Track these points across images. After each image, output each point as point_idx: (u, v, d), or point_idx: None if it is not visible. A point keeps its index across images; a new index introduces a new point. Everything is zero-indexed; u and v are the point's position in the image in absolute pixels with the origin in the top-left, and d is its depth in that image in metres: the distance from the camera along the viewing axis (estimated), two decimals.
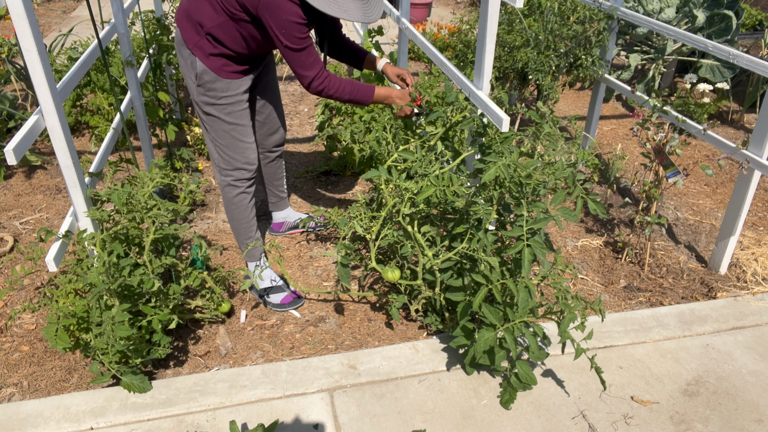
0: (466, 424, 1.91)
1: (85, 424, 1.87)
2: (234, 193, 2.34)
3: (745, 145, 2.40)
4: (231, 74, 2.15)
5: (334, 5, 1.93)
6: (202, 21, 2.06)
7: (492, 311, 1.87)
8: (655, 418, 1.95)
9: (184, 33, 2.12)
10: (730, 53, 2.47)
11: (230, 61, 2.14)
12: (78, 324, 1.96)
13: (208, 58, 2.11)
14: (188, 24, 2.11)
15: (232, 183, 2.33)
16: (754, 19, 5.08)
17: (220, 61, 2.12)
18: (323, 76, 2.10)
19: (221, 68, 2.12)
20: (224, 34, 2.06)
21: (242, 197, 2.36)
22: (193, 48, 2.10)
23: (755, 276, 2.65)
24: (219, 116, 2.21)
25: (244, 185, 2.34)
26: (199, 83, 2.15)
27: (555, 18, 3.41)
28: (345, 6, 1.95)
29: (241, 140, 2.26)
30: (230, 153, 2.27)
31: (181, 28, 2.14)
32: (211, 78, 2.13)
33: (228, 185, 2.33)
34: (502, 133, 2.05)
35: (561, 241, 2.91)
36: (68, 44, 4.88)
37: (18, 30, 1.71)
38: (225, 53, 2.11)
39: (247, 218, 2.40)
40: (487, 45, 2.07)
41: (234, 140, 2.25)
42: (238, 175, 2.31)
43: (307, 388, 2.02)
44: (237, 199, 2.35)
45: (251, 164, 2.32)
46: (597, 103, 3.55)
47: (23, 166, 3.41)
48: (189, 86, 2.21)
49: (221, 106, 2.19)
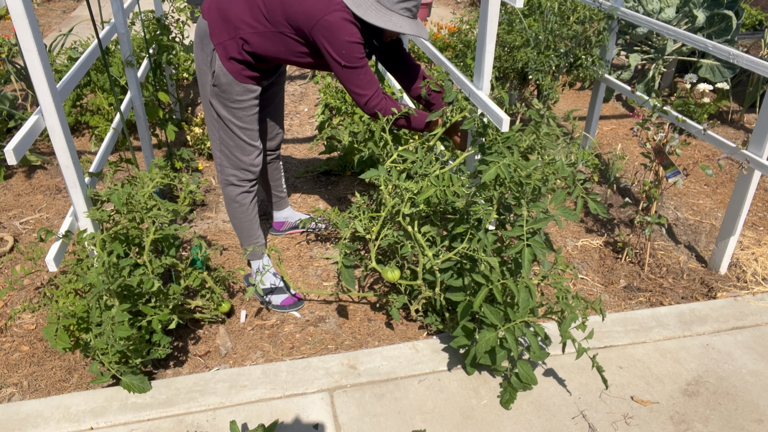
0: (466, 424, 1.91)
1: (85, 424, 1.87)
2: (236, 192, 2.34)
3: (745, 145, 2.40)
4: (248, 79, 2.14)
5: (389, 22, 1.99)
6: (239, 24, 2.03)
7: (493, 311, 1.87)
8: (655, 418, 1.95)
9: (213, 27, 2.08)
10: (730, 53, 2.47)
11: (249, 68, 2.12)
12: (78, 324, 1.96)
13: (229, 61, 2.08)
14: (220, 20, 2.07)
15: (234, 183, 2.32)
16: (754, 19, 5.08)
17: (239, 66, 2.10)
18: (380, 96, 2.11)
19: (239, 72, 2.11)
20: (262, 43, 2.05)
21: (244, 196, 2.35)
22: (217, 46, 2.07)
23: (755, 276, 2.65)
24: (230, 118, 2.19)
25: (246, 185, 2.34)
26: (215, 83, 2.13)
27: (555, 18, 3.41)
28: (399, 23, 2.00)
29: (250, 143, 2.26)
30: (237, 154, 2.26)
31: (210, 21, 2.08)
32: (228, 81, 2.11)
33: (230, 184, 2.32)
34: (502, 134, 2.05)
35: (561, 241, 2.91)
36: (68, 44, 4.88)
37: (18, 30, 1.71)
38: (248, 61, 2.09)
39: (249, 217, 2.39)
40: (487, 45, 2.07)
41: (242, 142, 2.24)
42: (241, 176, 2.31)
43: (307, 388, 2.02)
44: (239, 198, 2.35)
45: (256, 166, 2.32)
46: (597, 103, 3.55)
47: (23, 166, 3.41)
48: (202, 81, 2.18)
49: (234, 109, 2.17)
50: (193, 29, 5.32)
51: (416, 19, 2.08)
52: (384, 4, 2.00)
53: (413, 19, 2.06)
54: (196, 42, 2.16)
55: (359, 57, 2.01)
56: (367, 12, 1.98)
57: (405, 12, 2.03)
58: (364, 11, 1.97)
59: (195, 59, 2.20)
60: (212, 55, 2.09)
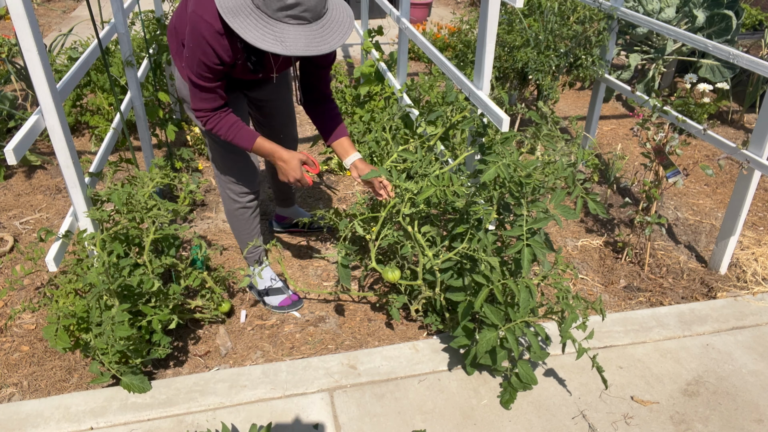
0: (466, 424, 1.91)
1: (85, 424, 1.87)
2: (235, 207, 2.26)
3: (745, 145, 2.40)
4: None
5: (270, 36, 1.57)
6: (181, 30, 1.90)
7: (494, 311, 1.87)
8: (655, 418, 1.95)
9: (172, 49, 2.00)
10: (730, 53, 2.47)
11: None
12: (78, 324, 1.96)
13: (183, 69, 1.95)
14: (174, 40, 1.97)
15: (233, 197, 2.24)
16: (754, 19, 5.08)
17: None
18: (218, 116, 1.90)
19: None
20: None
21: (243, 212, 2.27)
22: (173, 56, 1.99)
23: (755, 276, 2.65)
24: (214, 138, 2.09)
25: (244, 200, 2.25)
26: (180, 96, 2.06)
27: (555, 18, 3.41)
28: (283, 35, 1.56)
29: (242, 163, 2.16)
30: (230, 174, 2.18)
31: (170, 42, 2.00)
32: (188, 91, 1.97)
33: (229, 198, 2.25)
34: (502, 134, 2.05)
35: (561, 241, 2.91)
36: (68, 44, 4.88)
37: (18, 30, 1.71)
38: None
39: (249, 228, 2.32)
40: (487, 45, 2.07)
41: (233, 163, 2.15)
42: (236, 189, 2.23)
43: (307, 388, 2.02)
44: (238, 213, 2.28)
45: (252, 184, 2.23)
46: (597, 103, 3.55)
47: (23, 166, 3.41)
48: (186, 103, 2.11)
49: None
50: None
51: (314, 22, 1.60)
52: (264, 9, 1.58)
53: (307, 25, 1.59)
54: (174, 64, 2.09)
55: (204, 75, 1.77)
56: (245, 23, 1.58)
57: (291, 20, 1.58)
58: (241, 22, 1.58)
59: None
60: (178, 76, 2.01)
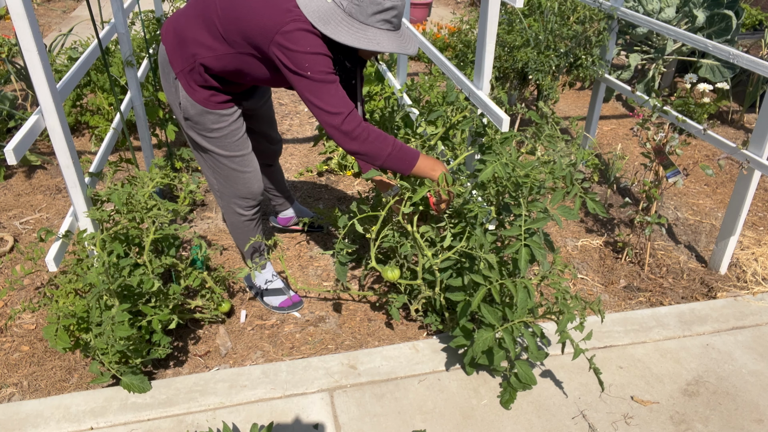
0: (466, 424, 1.91)
1: (85, 424, 1.87)
2: (241, 220, 2.21)
3: (745, 145, 2.40)
4: (220, 105, 1.93)
5: (364, 39, 1.68)
6: (196, 49, 1.83)
7: (491, 311, 1.87)
8: (655, 418, 1.95)
9: (171, 53, 1.88)
10: (730, 53, 2.47)
11: (218, 92, 1.92)
12: (78, 324, 1.96)
13: (194, 90, 1.88)
14: (177, 45, 1.87)
15: (239, 212, 2.19)
16: (754, 19, 5.08)
17: (206, 93, 1.90)
18: (357, 117, 1.76)
19: (208, 100, 1.90)
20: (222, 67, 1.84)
21: (249, 223, 2.23)
22: (179, 74, 1.88)
23: (755, 276, 2.65)
24: (214, 149, 2.01)
25: (249, 212, 2.19)
26: (185, 116, 1.94)
27: (555, 18, 3.41)
28: (377, 39, 1.69)
29: (242, 171, 2.08)
30: (231, 184, 2.10)
31: (168, 46, 1.88)
32: (197, 111, 1.91)
33: (235, 213, 2.19)
34: (502, 134, 2.05)
35: (561, 240, 2.91)
36: (68, 44, 4.88)
37: (18, 30, 1.71)
38: (214, 86, 1.89)
39: (253, 235, 2.28)
40: (487, 45, 2.07)
41: (233, 172, 2.07)
42: (242, 203, 2.17)
43: (307, 388, 2.02)
44: (244, 225, 2.23)
45: (255, 193, 2.16)
46: (597, 103, 3.55)
47: (23, 166, 3.41)
48: (175, 113, 1.99)
49: (214, 139, 1.98)
50: None
51: (398, 30, 1.75)
52: (357, 17, 1.68)
53: (394, 32, 1.73)
54: (160, 70, 1.96)
55: (327, 71, 1.71)
56: (338, 29, 1.67)
57: (383, 24, 1.70)
58: (334, 29, 1.67)
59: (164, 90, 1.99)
60: (176, 85, 1.90)
